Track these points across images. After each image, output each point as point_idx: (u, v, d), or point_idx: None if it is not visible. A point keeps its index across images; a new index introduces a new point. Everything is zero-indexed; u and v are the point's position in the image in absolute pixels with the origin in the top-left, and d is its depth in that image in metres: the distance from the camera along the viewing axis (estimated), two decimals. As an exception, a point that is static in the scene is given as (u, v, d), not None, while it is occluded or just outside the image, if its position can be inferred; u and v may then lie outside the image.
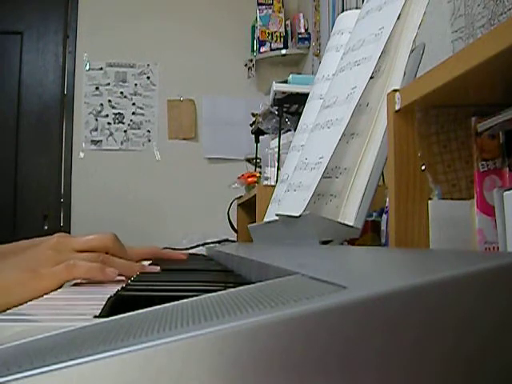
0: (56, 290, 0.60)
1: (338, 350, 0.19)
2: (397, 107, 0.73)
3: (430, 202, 0.72)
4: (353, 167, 0.88)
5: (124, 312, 0.27)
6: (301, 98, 1.61)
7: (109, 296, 0.46)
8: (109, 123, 3.42)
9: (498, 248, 0.62)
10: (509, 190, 0.59)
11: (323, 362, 0.19)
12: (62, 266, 0.62)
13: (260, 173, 2.13)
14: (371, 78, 0.88)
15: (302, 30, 3.08)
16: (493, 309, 0.20)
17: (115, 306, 0.44)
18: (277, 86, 1.79)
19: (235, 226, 2.38)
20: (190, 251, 2.01)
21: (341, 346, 0.19)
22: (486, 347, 0.20)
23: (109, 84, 3.44)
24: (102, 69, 3.44)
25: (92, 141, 3.41)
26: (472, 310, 0.20)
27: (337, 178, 0.89)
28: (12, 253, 0.76)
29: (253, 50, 3.36)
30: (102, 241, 0.73)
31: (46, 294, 0.57)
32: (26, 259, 0.68)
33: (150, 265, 0.89)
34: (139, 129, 3.43)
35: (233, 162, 3.28)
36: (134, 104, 3.44)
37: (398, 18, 0.88)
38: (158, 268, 0.80)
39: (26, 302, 0.47)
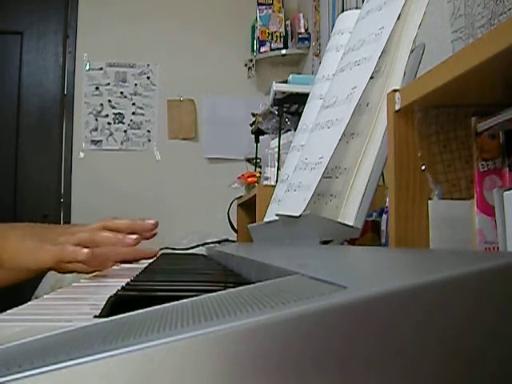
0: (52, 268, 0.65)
1: (337, 350, 0.19)
2: (397, 107, 0.73)
3: (429, 202, 0.72)
4: (353, 167, 0.88)
5: (124, 312, 0.27)
6: (301, 98, 1.61)
7: (109, 296, 0.46)
8: (109, 123, 3.42)
9: (498, 248, 0.62)
10: (509, 189, 0.59)
11: (323, 362, 0.19)
12: (60, 247, 0.68)
13: (260, 173, 2.13)
14: (371, 78, 0.88)
15: (302, 30, 3.08)
16: (492, 309, 0.20)
17: (115, 306, 0.44)
18: (277, 86, 1.79)
19: (235, 226, 2.38)
20: (190, 251, 2.01)
21: (341, 346, 0.19)
22: (485, 347, 0.20)
23: (109, 84, 3.43)
24: (101, 69, 3.44)
25: (92, 141, 3.41)
26: (471, 310, 0.20)
27: (337, 177, 0.89)
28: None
29: (253, 50, 3.36)
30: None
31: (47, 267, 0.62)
32: (43, 232, 0.74)
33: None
34: (139, 129, 3.43)
35: (233, 162, 3.28)
36: (134, 104, 3.44)
37: (398, 18, 0.88)
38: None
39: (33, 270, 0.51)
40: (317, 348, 0.19)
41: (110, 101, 3.43)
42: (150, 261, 1.05)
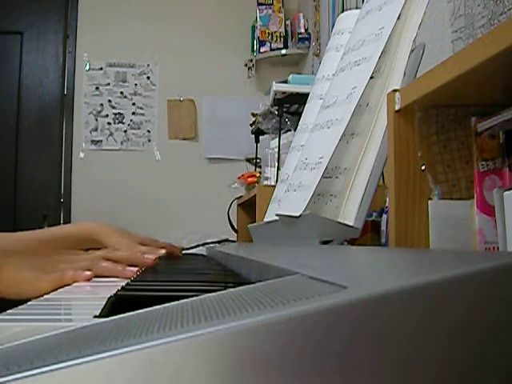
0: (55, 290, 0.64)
1: (337, 350, 0.19)
2: (397, 107, 0.73)
3: (429, 201, 0.72)
4: (353, 167, 0.88)
5: (124, 312, 0.27)
6: (301, 98, 1.61)
7: (109, 296, 0.46)
8: (109, 123, 3.42)
9: (498, 248, 0.62)
10: (509, 189, 0.59)
11: (323, 362, 0.19)
12: (59, 274, 0.68)
13: (260, 173, 2.13)
14: (371, 77, 0.88)
15: (302, 30, 3.08)
16: (492, 308, 0.20)
17: (115, 306, 0.44)
18: (277, 86, 1.79)
19: (235, 226, 2.38)
20: (190, 251, 2.01)
21: (340, 346, 0.19)
22: (485, 347, 0.20)
23: (109, 84, 3.43)
24: (101, 69, 3.44)
25: (92, 141, 3.41)
26: (471, 310, 0.20)
27: (337, 178, 0.89)
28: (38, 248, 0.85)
29: (253, 50, 3.36)
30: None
31: (46, 294, 0.61)
32: (45, 262, 0.74)
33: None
34: (139, 129, 3.43)
35: (233, 162, 3.28)
36: (134, 104, 3.44)
37: (398, 18, 0.88)
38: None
39: (30, 298, 0.50)
40: (317, 348, 0.19)
41: (110, 101, 3.43)
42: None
